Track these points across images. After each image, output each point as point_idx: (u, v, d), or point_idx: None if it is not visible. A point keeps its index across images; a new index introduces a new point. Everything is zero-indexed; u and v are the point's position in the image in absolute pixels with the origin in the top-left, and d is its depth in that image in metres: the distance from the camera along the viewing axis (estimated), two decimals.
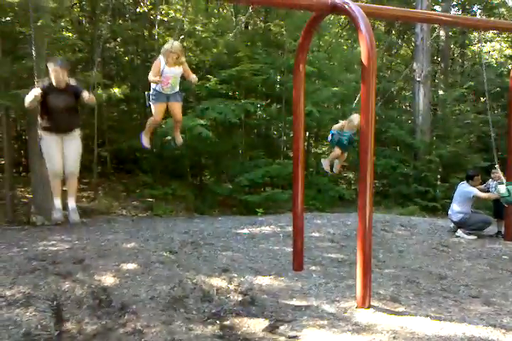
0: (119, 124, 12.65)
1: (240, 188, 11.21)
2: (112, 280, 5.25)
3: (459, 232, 7.77)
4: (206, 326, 4.54)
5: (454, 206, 7.82)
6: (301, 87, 5.69)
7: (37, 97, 4.78)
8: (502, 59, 19.88)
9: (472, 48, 20.82)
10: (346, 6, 4.77)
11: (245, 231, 7.62)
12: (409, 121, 16.05)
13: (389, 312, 4.65)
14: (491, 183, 7.74)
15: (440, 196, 13.29)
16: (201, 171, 12.97)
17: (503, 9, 19.39)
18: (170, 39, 12.05)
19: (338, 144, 6.06)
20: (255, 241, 7.03)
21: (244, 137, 12.29)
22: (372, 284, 4.84)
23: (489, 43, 20.13)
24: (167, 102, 5.29)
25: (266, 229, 7.75)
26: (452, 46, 20.62)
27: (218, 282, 5.36)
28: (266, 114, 12.63)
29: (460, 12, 19.76)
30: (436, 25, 14.93)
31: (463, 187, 7.84)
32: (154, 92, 5.21)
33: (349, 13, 4.77)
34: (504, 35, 19.39)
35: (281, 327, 4.47)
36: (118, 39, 13.14)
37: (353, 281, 4.98)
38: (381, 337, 4.12)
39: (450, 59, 20.28)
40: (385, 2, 14.07)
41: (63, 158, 5.04)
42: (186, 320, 4.59)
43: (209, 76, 11.16)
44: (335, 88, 12.10)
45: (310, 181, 12.00)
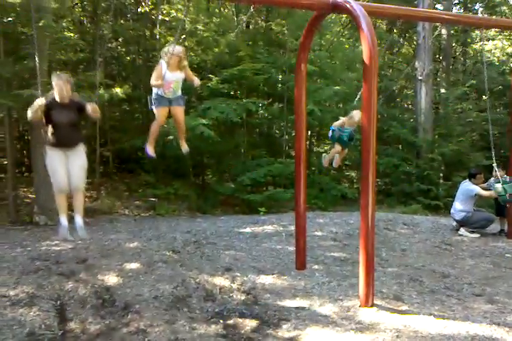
0: (121, 124, 12.65)
1: (242, 187, 11.20)
2: (115, 279, 5.26)
3: (462, 231, 7.77)
4: (209, 325, 4.54)
5: (457, 204, 7.82)
6: (302, 86, 5.69)
7: (41, 107, 4.72)
8: (504, 57, 19.82)
9: (474, 46, 20.76)
10: (347, 5, 4.75)
11: (248, 230, 7.62)
12: (411, 120, 16.01)
13: (392, 310, 4.65)
14: (493, 181, 7.74)
15: (443, 194, 13.27)
16: (203, 170, 12.97)
17: (505, 7, 19.31)
18: (171, 39, 12.15)
19: (339, 141, 6.06)
20: (258, 240, 7.03)
21: (246, 136, 12.29)
22: (375, 283, 4.84)
23: (491, 41, 20.07)
24: (169, 106, 5.23)
25: (268, 228, 7.75)
26: (454, 44, 20.57)
27: (221, 281, 5.37)
28: (268, 113, 12.62)
29: (462, 10, 19.74)
30: (437, 23, 14.93)
31: (465, 185, 7.83)
32: (156, 96, 5.17)
33: (350, 12, 4.76)
34: (506, 33, 19.33)
35: (284, 326, 4.47)
36: (119, 39, 13.16)
37: (356, 280, 4.98)
38: (384, 336, 4.12)
39: (452, 57, 20.25)
40: (387, 1, 14.02)
41: (68, 173, 4.97)
42: (189, 319, 4.60)
43: (211, 75, 11.17)
44: (336, 87, 12.09)
45: (312, 180, 11.99)
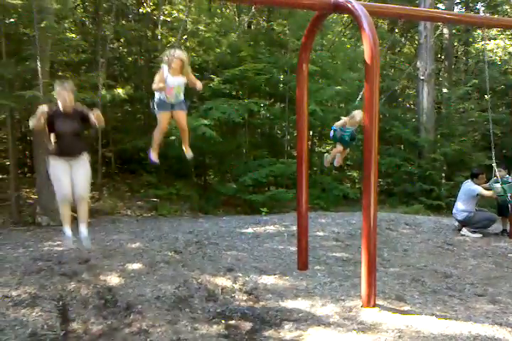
0: (123, 124, 12.65)
1: (244, 188, 11.20)
2: (117, 280, 5.27)
3: (464, 231, 7.76)
4: (211, 325, 4.55)
5: (459, 204, 7.81)
6: (304, 86, 5.69)
7: (43, 115, 4.68)
8: (506, 56, 19.77)
9: (476, 46, 20.73)
10: (349, 5, 4.75)
11: (250, 230, 7.62)
12: (413, 120, 15.99)
13: (394, 311, 4.65)
14: (493, 181, 7.72)
15: (445, 194, 13.26)
16: (205, 171, 12.97)
17: (507, 7, 19.28)
18: (173, 39, 12.16)
19: (340, 141, 6.06)
20: (260, 240, 7.03)
21: (247, 137, 12.29)
22: (377, 283, 4.84)
23: (493, 41, 20.03)
24: (172, 111, 5.19)
25: (270, 229, 7.75)
26: (456, 44, 20.54)
27: (223, 281, 5.37)
28: (269, 114, 12.61)
29: (463, 10, 19.71)
30: (439, 23, 14.91)
31: (467, 185, 7.83)
32: (158, 101, 5.13)
33: (352, 12, 4.75)
34: (508, 32, 19.28)
35: (286, 326, 4.48)
36: (121, 40, 13.17)
37: (358, 280, 4.97)
38: (386, 336, 4.12)
39: (454, 57, 20.21)
40: (388, 0, 14.01)
41: (72, 183, 4.93)
42: (191, 320, 4.61)
43: (212, 76, 11.16)
44: (338, 87, 12.08)
45: (314, 180, 11.99)
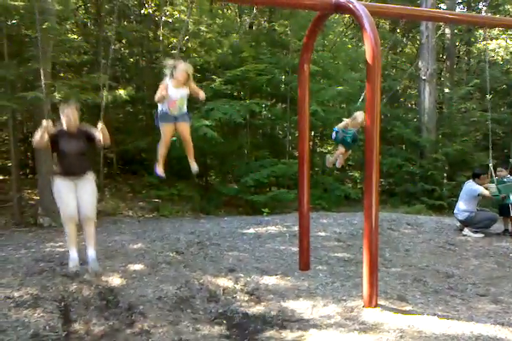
0: (125, 125, 12.67)
1: (246, 188, 11.20)
2: (119, 280, 5.27)
3: (466, 231, 7.75)
4: (213, 326, 4.55)
5: (460, 204, 7.81)
6: (305, 87, 5.69)
7: (47, 129, 4.63)
8: (508, 56, 19.75)
9: (478, 46, 20.71)
10: (350, 5, 4.75)
11: (251, 231, 7.62)
12: (414, 120, 15.97)
13: (396, 311, 4.64)
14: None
15: (446, 194, 13.24)
16: (207, 172, 12.97)
17: (509, 6, 19.26)
18: (175, 40, 12.18)
19: (342, 142, 6.06)
20: (261, 241, 7.03)
21: (249, 137, 12.28)
22: (379, 283, 4.83)
23: (495, 40, 20.00)
24: (175, 123, 5.13)
25: (272, 229, 7.75)
26: (457, 44, 20.52)
27: (225, 282, 5.38)
28: (271, 114, 12.61)
29: (465, 9, 19.69)
30: (441, 23, 14.90)
31: (469, 185, 7.82)
32: (161, 113, 5.09)
33: (353, 12, 4.75)
34: (510, 32, 19.25)
35: (287, 326, 4.48)
36: (123, 41, 13.19)
37: (360, 280, 4.97)
38: (388, 336, 4.12)
39: (455, 57, 20.18)
40: (390, 0, 14.01)
41: (78, 203, 4.85)
42: (193, 320, 4.61)
43: (214, 76, 11.17)
44: (340, 87, 12.07)
45: (316, 180, 11.98)
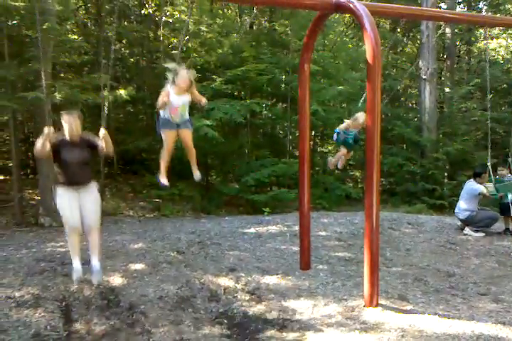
0: (126, 125, 12.67)
1: (247, 188, 11.20)
2: (120, 280, 5.28)
3: (467, 230, 7.74)
4: (214, 325, 4.56)
5: (461, 203, 7.81)
6: (306, 86, 5.70)
7: (48, 136, 4.60)
8: (508, 55, 19.73)
9: (478, 45, 20.70)
10: (350, 5, 4.76)
11: (252, 230, 7.62)
12: (415, 119, 15.97)
13: (397, 310, 4.65)
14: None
15: (447, 194, 13.23)
16: (207, 171, 12.97)
17: (509, 5, 19.24)
18: (175, 40, 12.18)
19: (344, 143, 6.05)
20: (262, 240, 7.03)
21: (250, 137, 12.28)
22: (379, 282, 4.83)
23: (495, 40, 19.99)
24: (177, 130, 5.11)
25: (273, 229, 7.75)
26: (458, 43, 20.50)
27: (225, 281, 5.38)
28: (271, 114, 12.61)
29: (465, 9, 19.67)
30: (441, 22, 14.90)
31: (470, 184, 7.82)
32: (163, 121, 5.05)
33: (353, 12, 4.76)
34: (510, 31, 19.25)
35: (288, 326, 4.48)
36: (123, 41, 13.19)
37: (361, 280, 4.98)
38: (389, 336, 4.12)
39: (456, 56, 20.17)
40: (393, 0, 13.99)
41: (81, 212, 4.80)
42: (194, 320, 4.62)
43: (214, 76, 11.18)
44: (340, 87, 12.08)
45: (316, 180, 11.98)
